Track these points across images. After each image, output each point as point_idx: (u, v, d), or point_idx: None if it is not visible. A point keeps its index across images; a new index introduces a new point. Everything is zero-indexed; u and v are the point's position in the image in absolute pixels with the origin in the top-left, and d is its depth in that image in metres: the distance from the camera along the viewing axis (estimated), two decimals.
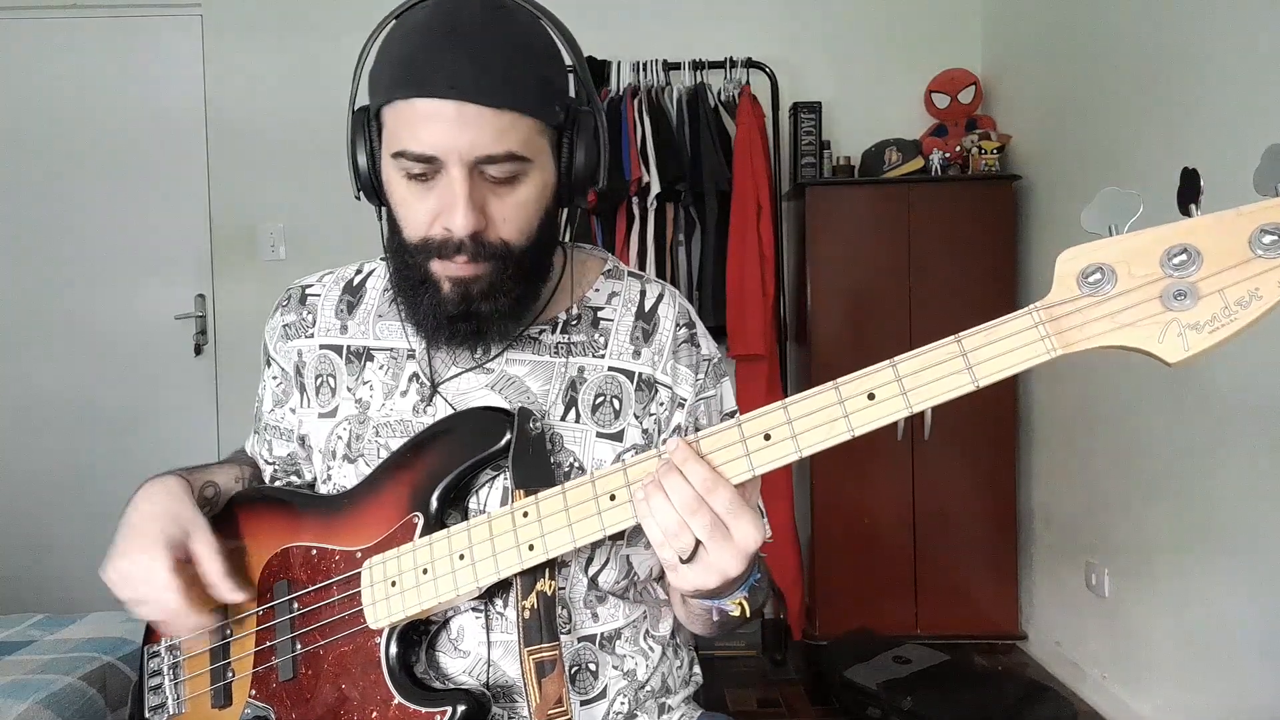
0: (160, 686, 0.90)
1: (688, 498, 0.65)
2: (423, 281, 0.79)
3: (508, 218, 0.77)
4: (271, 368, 0.96)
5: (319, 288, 0.95)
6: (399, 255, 0.80)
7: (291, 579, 0.85)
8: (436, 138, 0.73)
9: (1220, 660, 1.97)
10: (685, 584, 0.68)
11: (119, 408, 3.06)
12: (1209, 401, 1.97)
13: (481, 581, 0.74)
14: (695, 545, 0.66)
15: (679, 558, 0.67)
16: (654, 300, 0.91)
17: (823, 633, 2.77)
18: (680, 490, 0.65)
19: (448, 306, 0.79)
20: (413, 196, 0.76)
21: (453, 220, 0.75)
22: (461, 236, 0.75)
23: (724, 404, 0.91)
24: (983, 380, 0.60)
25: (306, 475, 0.97)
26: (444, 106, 0.72)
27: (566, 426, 0.84)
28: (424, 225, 0.77)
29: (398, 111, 0.75)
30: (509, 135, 0.74)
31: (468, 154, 0.73)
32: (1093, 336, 0.58)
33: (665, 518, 0.66)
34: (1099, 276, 0.58)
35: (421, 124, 0.73)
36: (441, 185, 0.75)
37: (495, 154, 0.74)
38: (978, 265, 2.73)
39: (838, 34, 3.10)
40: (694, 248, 2.84)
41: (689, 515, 0.65)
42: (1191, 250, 0.55)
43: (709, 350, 0.91)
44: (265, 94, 3.04)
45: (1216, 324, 0.55)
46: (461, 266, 0.77)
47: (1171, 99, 2.08)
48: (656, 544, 0.68)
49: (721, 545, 0.66)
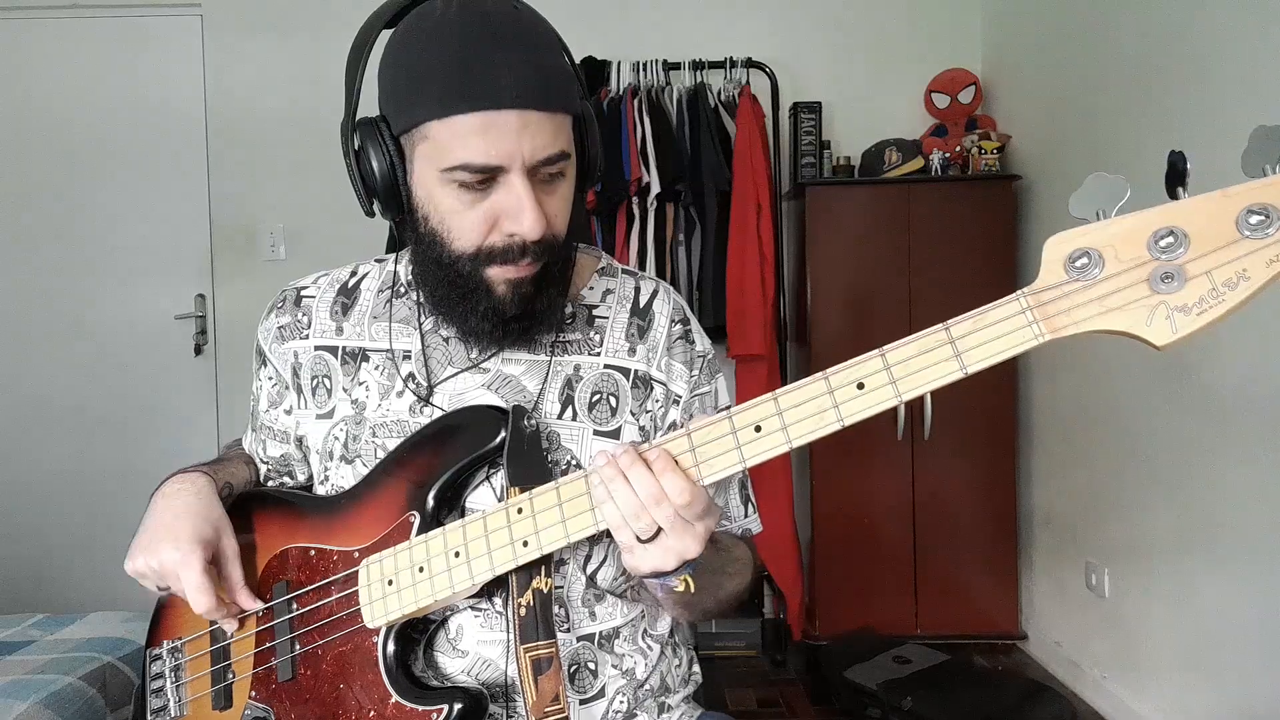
0: (162, 689, 0.90)
1: (652, 491, 0.66)
2: (476, 288, 0.79)
3: (558, 213, 0.79)
4: (266, 368, 0.95)
5: (313, 289, 0.95)
6: (446, 267, 0.79)
7: (290, 579, 0.85)
8: (501, 147, 0.72)
9: (1220, 660, 1.97)
10: (643, 565, 0.69)
11: (119, 407, 3.06)
12: (1209, 401, 1.97)
13: (476, 579, 0.74)
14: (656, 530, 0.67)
15: (637, 538, 0.68)
16: (649, 297, 0.91)
17: (823, 633, 2.77)
18: (645, 484, 0.66)
19: (507, 309, 0.79)
20: (464, 206, 0.76)
21: (520, 226, 0.75)
22: (530, 241, 0.76)
23: (719, 400, 0.92)
24: (971, 367, 0.60)
25: (300, 476, 0.97)
26: (509, 117, 0.72)
27: (563, 424, 0.84)
28: (479, 233, 0.76)
29: (453, 126, 0.73)
30: (561, 135, 0.76)
31: (529, 159, 0.74)
32: (1080, 321, 0.58)
33: (626, 502, 0.67)
34: (1086, 261, 0.57)
35: (484, 135, 0.72)
36: (500, 192, 0.75)
37: (552, 155, 0.75)
38: (978, 265, 2.73)
39: (838, 34, 3.10)
40: (694, 248, 2.84)
41: (652, 505, 0.66)
42: (1178, 233, 0.55)
43: (703, 347, 0.91)
44: (265, 94, 3.04)
45: (1205, 306, 0.54)
46: (525, 269, 0.78)
47: (1171, 99, 2.08)
48: (615, 526, 0.68)
49: (683, 531, 0.67)
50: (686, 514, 0.66)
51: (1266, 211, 0.53)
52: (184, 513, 0.82)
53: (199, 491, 0.85)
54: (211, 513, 0.84)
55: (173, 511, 0.83)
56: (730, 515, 0.91)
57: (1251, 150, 0.54)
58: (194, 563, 0.79)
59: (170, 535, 0.81)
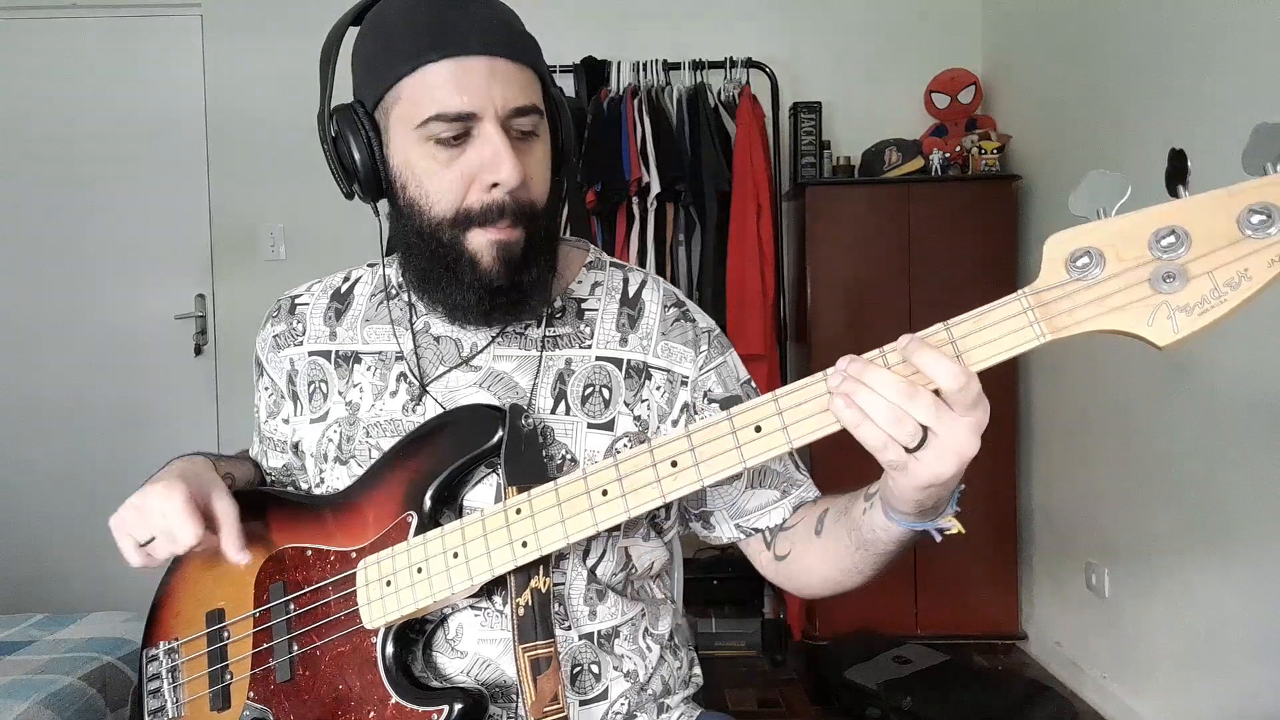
0: (159, 690, 0.90)
1: (899, 386, 0.59)
2: (458, 259, 0.78)
3: (533, 175, 0.79)
4: (264, 378, 0.96)
5: (307, 296, 0.96)
6: (427, 237, 0.78)
7: (288, 580, 0.84)
8: (472, 94, 0.74)
9: (1220, 660, 1.97)
10: (921, 478, 0.61)
11: (119, 407, 3.05)
12: (1209, 401, 1.97)
13: (475, 579, 0.74)
14: (923, 432, 0.59)
15: (906, 448, 0.60)
16: (637, 286, 0.91)
17: (823, 633, 2.77)
18: (885, 381, 0.59)
19: (493, 277, 0.78)
20: (440, 165, 0.76)
21: (498, 174, 0.75)
22: (506, 192, 0.76)
23: (738, 372, 0.90)
24: (973, 367, 0.60)
25: (302, 485, 0.97)
26: (478, 63, 0.74)
27: (557, 419, 0.84)
28: (458, 193, 0.76)
29: (425, 77, 0.74)
30: (531, 89, 0.78)
31: (502, 107, 0.75)
32: (1082, 321, 0.58)
33: (878, 409, 0.59)
34: (1087, 260, 0.57)
35: (455, 83, 0.74)
36: (475, 145, 0.75)
37: (524, 105, 0.76)
38: (978, 265, 2.73)
39: (838, 34, 3.09)
40: (694, 248, 2.84)
41: (906, 401, 0.59)
42: (1180, 232, 0.55)
43: (707, 323, 0.91)
44: (265, 94, 3.04)
45: (1206, 306, 0.54)
46: (504, 231, 0.77)
47: (1171, 98, 2.08)
48: (877, 444, 0.60)
49: (953, 423, 0.59)
50: (955, 399, 0.58)
51: (1268, 211, 0.53)
52: (175, 473, 0.83)
53: (193, 461, 0.87)
54: (204, 475, 0.84)
55: (163, 473, 0.84)
56: (795, 480, 0.89)
57: (1252, 148, 0.54)
58: (177, 494, 0.78)
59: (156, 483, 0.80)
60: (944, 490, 0.64)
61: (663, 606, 0.93)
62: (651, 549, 0.91)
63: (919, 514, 0.67)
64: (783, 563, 0.87)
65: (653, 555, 0.91)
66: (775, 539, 0.88)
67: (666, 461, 0.68)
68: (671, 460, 0.68)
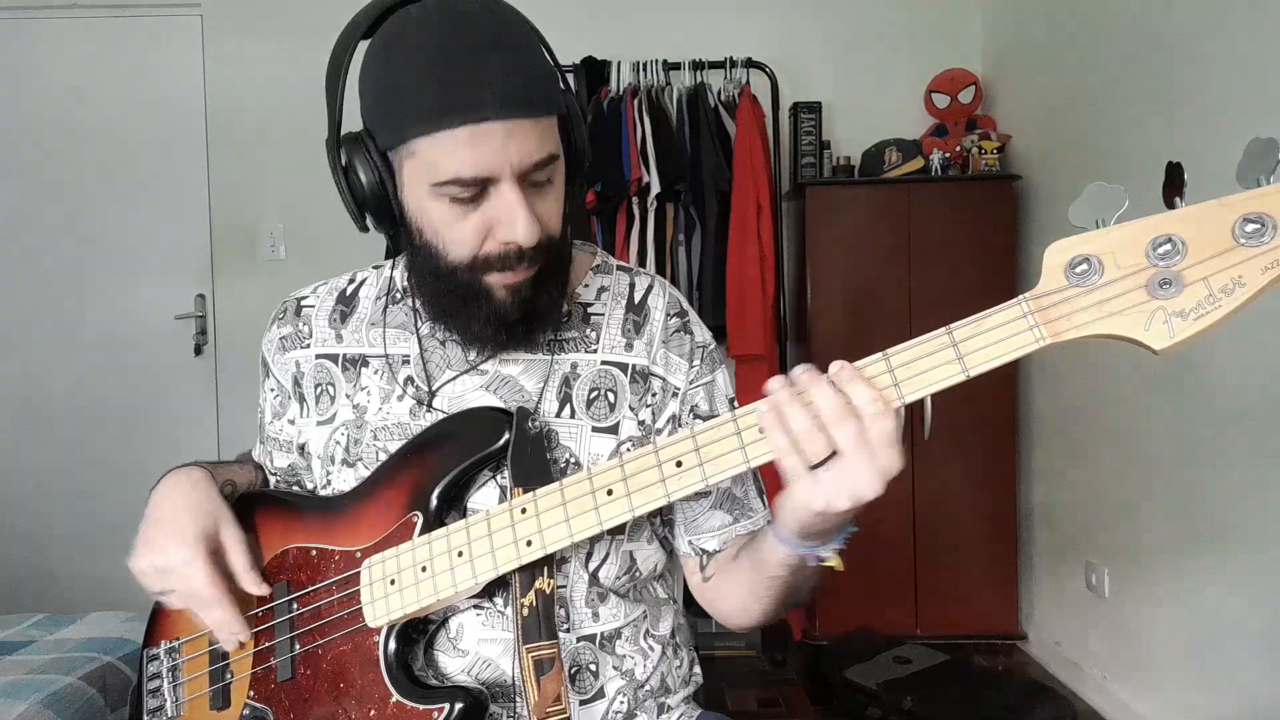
0: (159, 689, 0.90)
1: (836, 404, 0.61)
2: (475, 295, 0.78)
3: (550, 214, 0.78)
4: (270, 379, 0.96)
5: (313, 299, 0.95)
6: (444, 278, 0.79)
7: (291, 579, 0.85)
8: (490, 158, 0.72)
9: (1220, 660, 1.97)
10: (811, 500, 0.63)
11: (119, 408, 3.06)
12: (1209, 402, 1.97)
13: (480, 578, 0.74)
14: (830, 455, 0.61)
15: (806, 464, 0.62)
16: (644, 291, 0.91)
17: (823, 633, 2.77)
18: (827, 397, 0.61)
19: (509, 312, 0.79)
20: (456, 218, 0.75)
21: (514, 233, 0.74)
22: (526, 248, 0.75)
23: (726, 390, 0.91)
24: (973, 370, 0.61)
25: (308, 485, 0.97)
26: (494, 127, 0.71)
27: (562, 423, 0.84)
28: (474, 244, 0.76)
29: (442, 143, 0.72)
30: (548, 138, 0.75)
31: (519, 166, 0.73)
32: (1080, 325, 0.59)
33: (799, 422, 0.61)
34: (1086, 267, 0.59)
35: (471, 148, 0.71)
36: (491, 201, 0.74)
37: (541, 159, 0.75)
38: (978, 265, 2.73)
39: (838, 34, 3.10)
40: (694, 248, 2.84)
41: (836, 421, 0.61)
42: (1176, 240, 0.56)
43: (703, 338, 0.91)
44: (265, 94, 3.04)
45: (1201, 311, 0.56)
46: (519, 275, 0.77)
47: (1172, 98, 2.08)
48: (781, 451, 0.63)
49: (863, 453, 0.61)
50: (875, 433, 0.60)
51: (1261, 220, 0.55)
52: (182, 506, 0.82)
53: (195, 484, 0.85)
54: (209, 504, 0.84)
55: (171, 507, 0.83)
56: (753, 508, 0.90)
57: (1246, 161, 0.56)
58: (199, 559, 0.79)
59: (174, 533, 0.81)
60: (832, 523, 0.67)
61: (665, 607, 0.93)
62: (655, 550, 0.91)
63: (802, 538, 0.70)
64: (708, 584, 0.90)
65: (656, 558, 0.91)
66: (709, 562, 0.90)
67: (671, 461, 0.69)
68: (676, 460, 0.68)
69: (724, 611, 0.89)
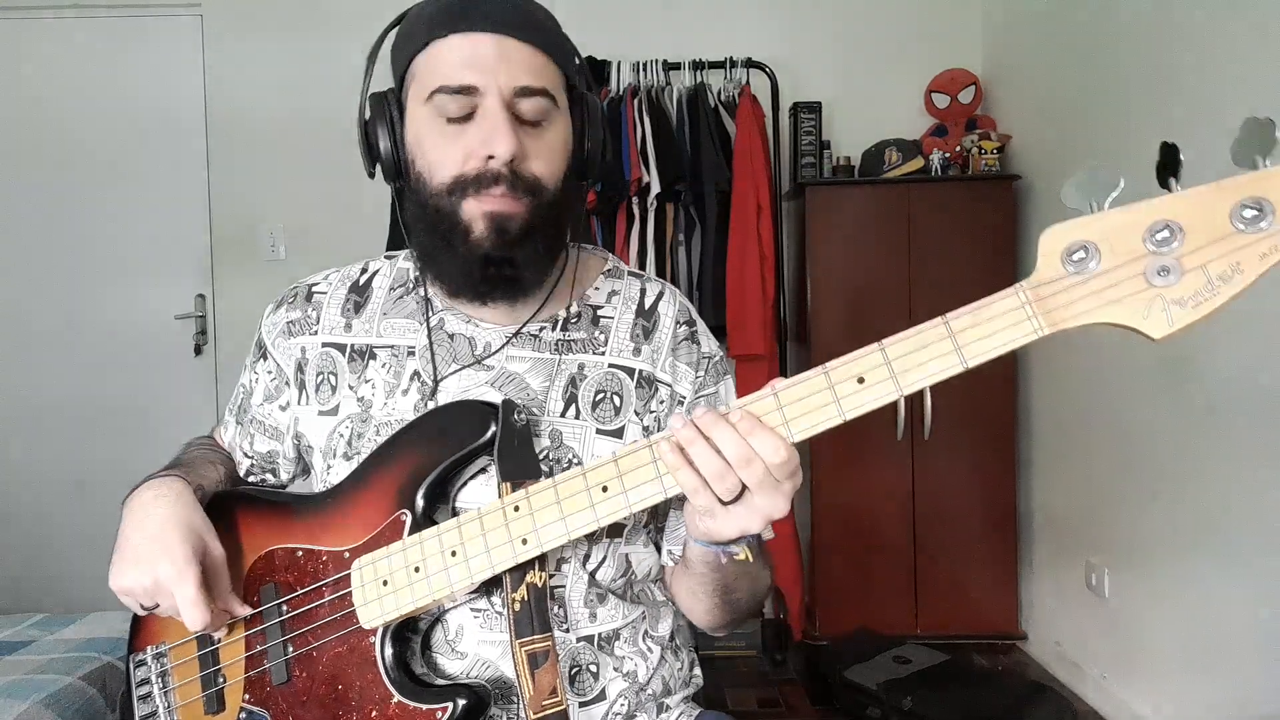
0: (150, 695, 0.88)
1: (740, 450, 0.64)
2: (454, 227, 0.78)
3: (540, 155, 0.79)
4: (266, 361, 0.94)
5: (324, 285, 0.95)
6: (428, 208, 0.80)
7: (278, 581, 0.83)
8: (476, 68, 0.76)
9: (1220, 660, 1.97)
10: (726, 528, 0.67)
11: (119, 408, 3.05)
12: (1210, 401, 1.97)
13: (475, 577, 0.74)
14: (741, 489, 0.65)
15: (720, 500, 0.65)
16: (654, 298, 0.91)
17: (823, 633, 2.77)
18: (732, 443, 0.64)
19: (484, 246, 0.78)
20: (445, 140, 0.78)
21: (495, 145, 0.76)
22: (501, 164, 0.76)
23: (727, 401, 0.91)
24: (971, 360, 0.61)
25: (283, 475, 0.96)
26: (484, 40, 0.76)
27: (566, 423, 0.84)
28: (458, 164, 0.78)
29: (435, 53, 0.78)
30: (543, 74, 0.78)
31: (506, 85, 0.76)
32: (1079, 314, 0.59)
33: (708, 464, 0.64)
34: (1083, 255, 0.58)
35: (461, 58, 0.76)
36: (478, 120, 0.77)
37: (532, 86, 0.77)
38: (977, 265, 2.73)
39: (838, 34, 3.10)
40: (694, 248, 2.84)
41: (741, 465, 0.64)
42: (1174, 226, 0.56)
43: (710, 348, 0.91)
44: (265, 94, 3.04)
45: (1200, 299, 0.55)
46: (499, 199, 0.77)
47: (1172, 98, 2.08)
48: (691, 490, 0.66)
49: (773, 489, 0.65)
50: (778, 472, 0.64)
51: (1260, 205, 0.54)
52: (170, 522, 0.79)
53: (178, 497, 0.82)
54: (195, 520, 0.81)
55: (158, 522, 0.79)
56: None
57: (1242, 140, 0.55)
58: (190, 578, 0.76)
59: (164, 550, 0.77)
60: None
61: (664, 608, 0.93)
62: (651, 554, 0.91)
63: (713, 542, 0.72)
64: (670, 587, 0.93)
65: (652, 560, 0.91)
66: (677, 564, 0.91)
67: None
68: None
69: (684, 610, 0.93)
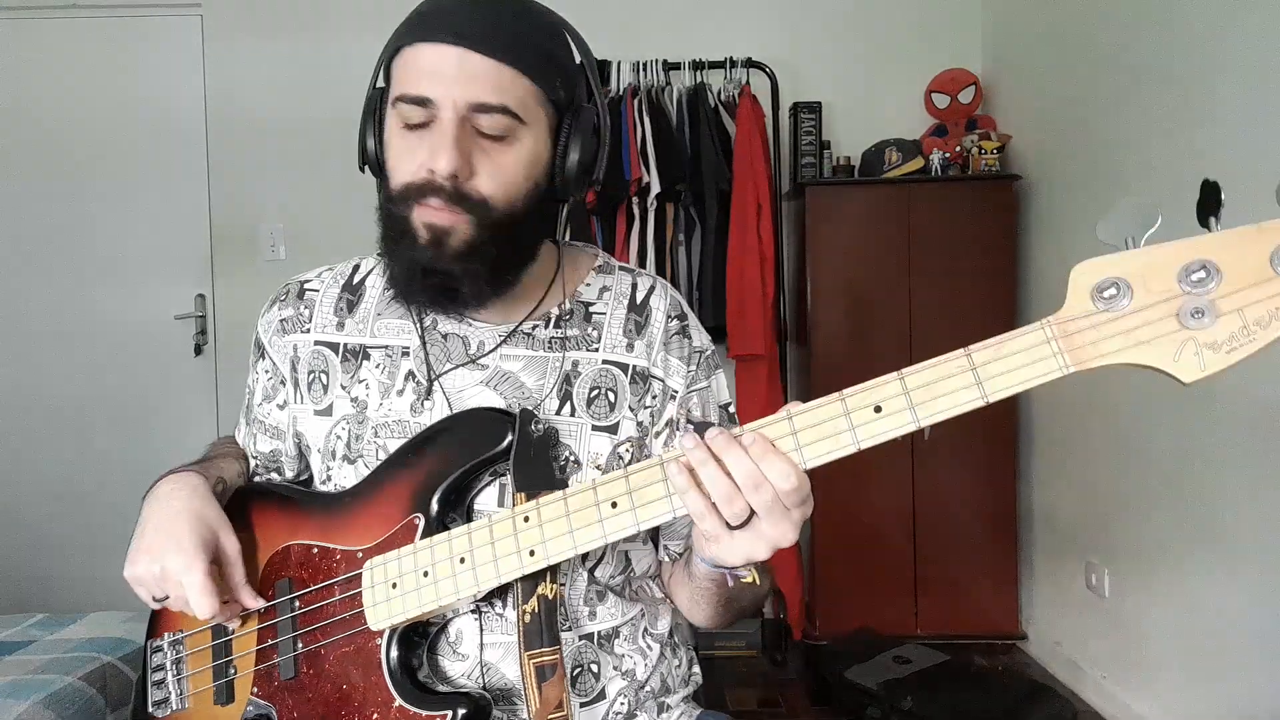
0: (164, 681, 0.90)
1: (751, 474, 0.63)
2: (404, 233, 0.79)
3: (491, 174, 0.78)
4: (264, 360, 0.95)
5: (317, 284, 0.95)
6: (385, 210, 0.81)
7: (293, 577, 0.84)
8: (435, 81, 0.75)
9: (1220, 660, 1.97)
10: (730, 555, 0.66)
11: (119, 408, 3.05)
12: (1210, 402, 1.97)
13: (482, 585, 0.74)
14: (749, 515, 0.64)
15: (727, 525, 0.64)
16: (645, 293, 0.91)
17: (823, 633, 2.77)
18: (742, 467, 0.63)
19: (422, 256, 0.78)
20: (405, 147, 0.78)
21: (436, 160, 0.75)
22: (442, 178, 0.76)
23: (718, 396, 0.91)
24: (993, 396, 0.59)
25: (288, 473, 0.96)
26: (447, 53, 0.75)
27: (562, 420, 0.84)
28: (410, 171, 0.78)
29: (403, 59, 0.78)
30: (506, 91, 0.76)
31: (461, 100, 0.75)
32: (1107, 354, 0.56)
33: (718, 487, 0.63)
34: (1114, 291, 0.56)
35: (422, 69, 0.76)
36: (432, 131, 0.76)
37: (489, 103, 0.75)
38: (978, 265, 2.73)
39: (838, 34, 3.10)
40: (694, 248, 2.84)
41: (750, 490, 0.63)
42: (1210, 267, 0.54)
43: (701, 342, 0.91)
44: (265, 94, 3.04)
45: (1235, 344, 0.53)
46: (436, 212, 0.77)
47: (1172, 98, 2.08)
48: (698, 514, 0.65)
49: (782, 517, 0.64)
50: (788, 499, 0.63)
51: None
52: (182, 514, 0.81)
53: (194, 490, 0.83)
54: (208, 513, 0.82)
55: (170, 513, 0.81)
56: None
57: None
58: (198, 567, 0.78)
59: (172, 540, 0.79)
60: None
61: (662, 606, 0.93)
62: (650, 551, 0.91)
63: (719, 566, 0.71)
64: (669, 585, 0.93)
65: (651, 558, 0.91)
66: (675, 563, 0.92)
67: None
68: None
69: (683, 611, 0.93)
